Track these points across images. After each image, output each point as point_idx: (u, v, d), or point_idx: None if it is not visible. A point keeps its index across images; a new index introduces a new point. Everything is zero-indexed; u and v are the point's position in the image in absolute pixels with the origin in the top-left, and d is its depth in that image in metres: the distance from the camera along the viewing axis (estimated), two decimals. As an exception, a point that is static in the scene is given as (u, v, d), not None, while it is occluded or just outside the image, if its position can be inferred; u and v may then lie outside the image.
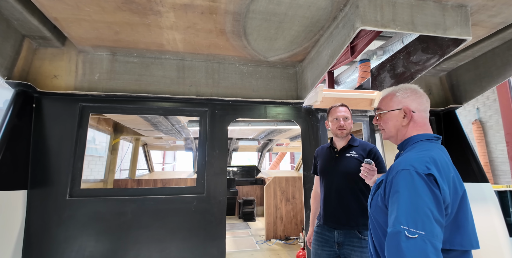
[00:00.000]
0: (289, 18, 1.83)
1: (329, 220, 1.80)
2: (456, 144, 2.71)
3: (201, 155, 2.29)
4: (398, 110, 1.12)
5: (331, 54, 1.91)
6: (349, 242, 1.72)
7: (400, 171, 0.91)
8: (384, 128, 1.17)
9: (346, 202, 1.78)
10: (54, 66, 2.19)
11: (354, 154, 1.85)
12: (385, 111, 1.16)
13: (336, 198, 1.79)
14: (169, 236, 2.07)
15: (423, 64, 2.12)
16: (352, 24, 1.63)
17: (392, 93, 1.16)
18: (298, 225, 4.69)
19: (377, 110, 1.22)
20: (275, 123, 3.16)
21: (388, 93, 1.19)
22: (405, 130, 1.11)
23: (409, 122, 1.10)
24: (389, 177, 0.96)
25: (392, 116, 1.13)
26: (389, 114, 1.14)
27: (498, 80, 2.26)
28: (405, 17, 1.61)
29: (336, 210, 1.77)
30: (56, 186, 2.00)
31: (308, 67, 2.34)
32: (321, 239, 1.82)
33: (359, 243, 1.71)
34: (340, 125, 1.84)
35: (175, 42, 2.13)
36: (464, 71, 2.62)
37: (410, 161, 0.92)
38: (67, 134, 2.10)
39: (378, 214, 0.99)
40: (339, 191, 1.79)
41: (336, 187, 1.81)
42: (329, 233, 1.79)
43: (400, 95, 1.13)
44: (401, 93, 1.14)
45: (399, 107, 1.12)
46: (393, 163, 1.02)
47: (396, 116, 1.12)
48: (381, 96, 1.23)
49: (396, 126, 1.12)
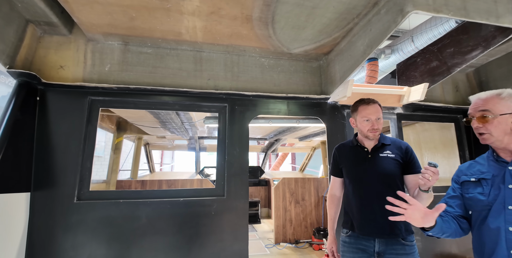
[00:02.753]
0: (324, 3, 1.67)
1: (368, 229, 1.59)
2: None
3: (221, 154, 2.11)
4: (509, 114, 1.07)
5: (369, 44, 1.75)
6: (391, 250, 1.55)
7: None
8: (491, 132, 1.10)
9: (386, 208, 1.59)
10: (60, 55, 2.00)
11: (390, 154, 1.67)
12: (496, 115, 1.09)
13: (378, 205, 1.57)
14: (188, 243, 1.88)
15: (463, 56, 1.97)
16: (400, 8, 1.47)
17: (497, 96, 1.12)
18: (308, 228, 4.52)
19: (480, 112, 1.14)
20: (297, 120, 2.99)
21: (491, 95, 1.13)
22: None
23: None
24: None
25: (503, 120, 1.08)
26: (500, 118, 1.08)
27: (538, 75, 2.12)
28: (457, 2, 1.46)
29: (378, 218, 1.56)
30: (63, 188, 1.80)
31: (337, 60, 2.18)
32: (356, 249, 1.61)
33: (403, 250, 1.54)
34: (373, 128, 1.61)
35: (194, 30, 1.95)
36: (495, 67, 2.48)
37: None
38: (75, 130, 1.90)
39: None
40: (381, 197, 1.60)
41: (377, 192, 1.60)
42: (367, 243, 1.59)
43: (509, 99, 1.09)
44: (508, 96, 1.10)
45: (509, 112, 1.07)
46: None
47: (506, 120, 1.08)
48: (481, 98, 1.16)
49: (506, 130, 1.09)
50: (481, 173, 1.22)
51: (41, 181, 1.78)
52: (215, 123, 2.75)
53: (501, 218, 1.08)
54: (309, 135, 4.65)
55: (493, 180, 1.16)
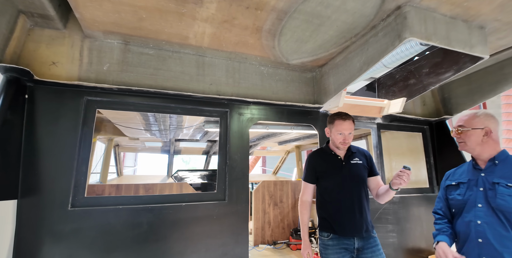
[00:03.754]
0: (330, 22, 1.83)
1: (349, 229, 1.74)
2: (447, 151, 2.99)
3: (222, 159, 2.13)
4: (482, 129, 1.34)
5: (366, 61, 1.95)
6: (367, 244, 1.75)
7: None
8: (466, 141, 1.38)
9: (364, 209, 1.79)
10: (52, 51, 1.85)
11: (359, 160, 1.89)
12: (469, 129, 1.37)
13: (356, 206, 1.77)
14: (190, 248, 1.87)
15: (437, 77, 2.30)
16: (397, 34, 1.69)
17: (473, 115, 1.39)
18: (285, 229, 4.68)
19: (460, 127, 1.42)
20: (291, 127, 3.13)
21: (470, 114, 1.41)
22: (487, 146, 1.34)
23: (489, 140, 1.33)
24: None
25: (475, 133, 1.36)
26: (472, 131, 1.36)
27: (489, 95, 2.56)
28: (442, 32, 1.73)
29: (358, 219, 1.75)
30: (55, 194, 1.66)
31: (331, 73, 2.36)
32: (339, 250, 1.75)
33: (374, 243, 1.77)
34: (345, 141, 1.81)
35: (202, 36, 1.97)
36: (456, 86, 2.91)
37: None
38: (69, 132, 1.78)
39: None
40: (359, 199, 1.79)
41: (355, 195, 1.79)
42: (348, 241, 1.75)
43: (483, 118, 1.36)
44: (484, 116, 1.37)
45: (482, 127, 1.34)
46: None
47: (478, 133, 1.35)
48: (461, 116, 1.44)
49: (478, 141, 1.36)
50: (461, 178, 1.47)
51: (29, 187, 1.62)
52: (215, 128, 2.75)
53: (472, 214, 1.33)
54: (290, 139, 4.85)
55: (468, 183, 1.41)
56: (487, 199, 1.27)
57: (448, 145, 3.00)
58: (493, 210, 1.24)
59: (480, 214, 1.28)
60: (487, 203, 1.27)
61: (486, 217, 1.26)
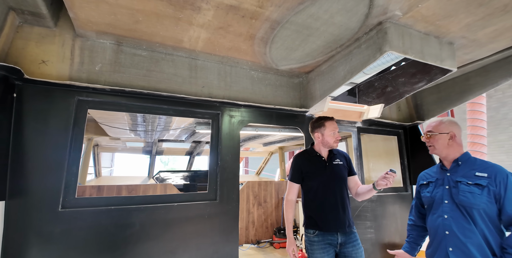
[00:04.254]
0: (318, 33, 1.96)
1: (333, 225, 1.87)
2: (419, 153, 3.26)
3: (213, 160, 2.19)
4: (447, 134, 1.54)
5: (350, 70, 2.12)
6: (349, 239, 1.90)
7: (509, 174, 1.33)
8: (435, 145, 1.57)
9: (346, 206, 1.96)
10: (42, 49, 1.82)
11: (339, 161, 2.06)
12: (437, 133, 1.56)
13: (339, 204, 1.92)
14: (182, 247, 1.91)
15: (412, 86, 2.52)
16: (379, 47, 1.85)
17: (440, 121, 1.58)
18: (268, 228, 4.79)
19: (429, 132, 1.60)
20: (279, 129, 3.23)
21: (437, 120, 1.60)
22: (453, 148, 1.54)
23: (454, 143, 1.52)
24: (498, 178, 1.34)
25: (442, 137, 1.55)
26: (440, 135, 1.55)
27: (457, 103, 2.84)
28: (417, 46, 1.92)
29: (341, 215, 1.90)
30: (45, 195, 1.64)
31: (317, 79, 2.51)
32: (324, 245, 1.87)
33: (354, 237, 1.93)
34: (337, 139, 2.01)
35: (197, 40, 2.02)
36: (427, 94, 3.19)
37: (502, 168, 1.41)
38: (59, 133, 1.76)
39: (485, 205, 1.38)
40: (342, 196, 1.95)
41: (338, 193, 1.95)
42: (332, 237, 1.89)
43: (448, 124, 1.56)
44: (449, 123, 1.56)
45: (447, 131, 1.54)
46: (483, 166, 1.46)
47: (444, 137, 1.54)
48: (430, 122, 1.63)
49: (444, 145, 1.55)
50: (430, 177, 1.66)
51: (18, 188, 1.59)
52: (207, 129, 2.79)
53: (440, 209, 1.51)
54: (275, 141, 4.98)
55: (436, 182, 1.60)
56: (452, 196, 1.46)
57: (420, 148, 3.28)
58: (457, 206, 1.43)
59: (446, 209, 1.47)
60: (451, 199, 1.46)
61: (451, 212, 1.44)
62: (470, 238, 1.36)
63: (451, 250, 1.40)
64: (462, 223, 1.39)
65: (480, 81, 2.56)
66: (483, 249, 1.32)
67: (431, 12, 1.73)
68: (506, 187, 1.30)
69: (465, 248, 1.35)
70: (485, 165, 1.43)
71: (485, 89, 2.53)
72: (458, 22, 1.84)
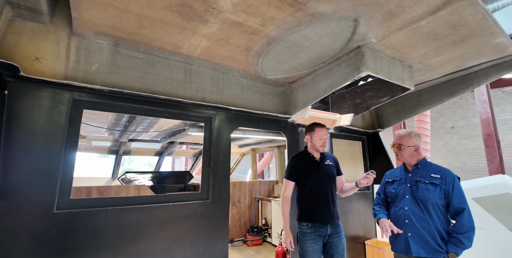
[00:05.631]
0: (306, 51, 2.23)
1: (325, 218, 2.17)
2: (379, 156, 3.76)
3: (206, 161, 2.31)
4: (413, 146, 1.89)
5: (330, 85, 2.42)
6: (335, 231, 2.21)
7: (455, 176, 1.68)
8: (403, 155, 1.93)
9: (335, 201, 2.28)
10: (35, 45, 1.76)
11: (330, 162, 2.40)
12: (406, 146, 1.91)
13: (330, 199, 2.23)
14: (177, 245, 1.99)
15: (377, 100, 2.95)
16: (356, 67, 2.18)
17: (409, 135, 1.93)
18: (241, 227, 4.96)
19: (398, 145, 1.95)
20: (264, 133, 3.41)
21: (406, 134, 1.95)
22: (415, 157, 1.92)
23: (416, 153, 1.90)
24: (447, 179, 1.71)
25: (409, 150, 1.91)
26: (408, 148, 1.91)
27: (410, 115, 3.37)
28: (385, 68, 2.30)
29: (332, 208, 2.22)
30: (39, 196, 1.60)
31: (300, 89, 2.78)
32: (315, 236, 2.15)
33: (340, 229, 2.25)
34: (324, 144, 2.34)
35: (196, 48, 2.13)
36: (387, 106, 3.71)
37: (450, 171, 1.80)
38: (54, 132, 1.72)
39: (437, 199, 1.76)
40: (331, 193, 2.26)
41: (329, 189, 2.26)
42: (322, 229, 2.18)
43: (414, 137, 1.91)
44: (414, 136, 1.92)
45: (413, 145, 1.89)
46: (436, 169, 1.85)
47: (410, 149, 1.90)
48: (400, 135, 1.97)
49: (410, 155, 1.91)
50: (395, 177, 2.02)
51: (10, 189, 1.53)
52: (199, 132, 2.85)
53: (402, 203, 1.87)
54: (251, 143, 5.17)
55: (400, 181, 1.96)
56: (412, 192, 1.83)
57: (380, 152, 3.78)
58: (416, 200, 1.80)
59: (407, 202, 1.83)
60: (412, 195, 1.83)
61: (411, 205, 1.81)
62: (424, 226, 1.73)
63: (410, 235, 1.76)
64: (419, 214, 1.76)
65: (429, 98, 3.09)
66: (434, 234, 1.70)
67: (398, 41, 2.10)
68: (453, 186, 1.70)
69: (421, 233, 1.72)
70: (438, 168, 1.83)
71: (433, 104, 3.07)
72: (417, 51, 2.26)
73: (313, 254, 2.08)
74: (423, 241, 1.71)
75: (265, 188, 5.33)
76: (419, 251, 1.70)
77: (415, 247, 1.72)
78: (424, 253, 1.69)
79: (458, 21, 1.81)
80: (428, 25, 1.85)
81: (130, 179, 6.43)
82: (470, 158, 9.40)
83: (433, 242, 1.69)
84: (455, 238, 1.65)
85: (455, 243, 1.64)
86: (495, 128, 5.99)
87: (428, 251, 1.68)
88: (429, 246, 1.69)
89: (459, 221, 1.67)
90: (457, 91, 2.79)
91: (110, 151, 6.17)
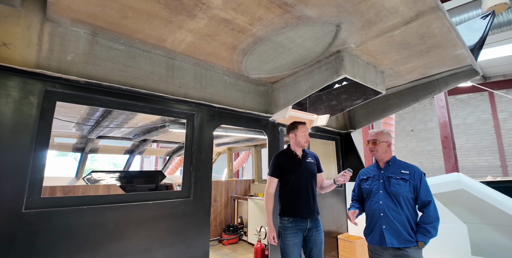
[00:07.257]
0: (290, 52, 2.31)
1: (306, 212, 2.27)
2: (350, 155, 3.98)
3: (187, 159, 2.27)
4: (386, 142, 2.05)
5: (311, 86, 2.53)
6: (314, 225, 2.32)
7: (422, 172, 1.86)
8: (377, 150, 2.08)
9: (315, 196, 2.39)
10: (3, 30, 1.61)
11: (311, 160, 2.52)
12: (380, 142, 2.07)
13: (310, 194, 2.34)
14: (157, 244, 1.93)
15: (352, 102, 3.14)
16: (336, 70, 2.31)
17: (382, 132, 2.11)
18: (217, 226, 4.93)
19: (374, 140, 2.10)
20: (246, 131, 3.41)
21: (379, 131, 2.12)
22: (388, 153, 2.08)
23: (388, 149, 2.04)
24: (415, 175, 1.87)
25: (383, 144, 2.06)
26: (381, 143, 2.06)
27: (379, 117, 3.63)
28: (361, 73, 2.47)
29: (312, 204, 2.32)
30: (5, 195, 1.46)
31: (281, 90, 2.86)
32: (296, 230, 2.24)
33: (318, 223, 2.36)
34: (307, 140, 2.46)
35: (180, 42, 2.10)
36: (358, 108, 3.95)
37: (418, 168, 1.98)
38: (23, 125, 1.58)
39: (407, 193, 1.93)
40: (312, 188, 2.37)
41: (310, 185, 2.36)
42: (302, 223, 2.27)
43: (386, 134, 2.08)
44: (386, 133, 2.09)
45: (386, 141, 2.05)
46: (405, 166, 2.03)
47: (384, 145, 2.06)
48: (374, 132, 2.13)
49: (383, 150, 2.07)
50: (369, 174, 2.17)
51: (-31, 187, 1.38)
52: (180, 129, 2.76)
53: (376, 197, 2.03)
54: (229, 142, 5.15)
55: (373, 177, 2.12)
56: (385, 187, 1.99)
57: (351, 151, 4.01)
58: (388, 194, 1.96)
59: (381, 197, 1.99)
60: (385, 190, 1.98)
61: (384, 199, 1.96)
62: (397, 218, 1.89)
63: (384, 227, 1.91)
64: (392, 207, 1.92)
65: (396, 102, 3.36)
66: (406, 225, 1.87)
67: (374, 48, 2.27)
68: (420, 181, 1.89)
69: (394, 225, 1.88)
70: (407, 165, 2.01)
71: (400, 108, 3.34)
72: (390, 58, 2.45)
73: (294, 248, 2.16)
74: (396, 232, 1.87)
75: (242, 187, 5.35)
76: (393, 242, 1.86)
77: (389, 238, 1.87)
78: (397, 243, 1.85)
79: (426, 33, 2.00)
80: (401, 34, 2.03)
81: (96, 179, 6.03)
82: (426, 158, 10.33)
83: (405, 233, 1.85)
84: (423, 228, 1.84)
85: (423, 233, 1.83)
86: (451, 131, 6.67)
87: (400, 241, 1.85)
88: (401, 236, 1.85)
89: (426, 212, 1.86)
90: (421, 96, 3.07)
91: (75, 149, 5.74)
